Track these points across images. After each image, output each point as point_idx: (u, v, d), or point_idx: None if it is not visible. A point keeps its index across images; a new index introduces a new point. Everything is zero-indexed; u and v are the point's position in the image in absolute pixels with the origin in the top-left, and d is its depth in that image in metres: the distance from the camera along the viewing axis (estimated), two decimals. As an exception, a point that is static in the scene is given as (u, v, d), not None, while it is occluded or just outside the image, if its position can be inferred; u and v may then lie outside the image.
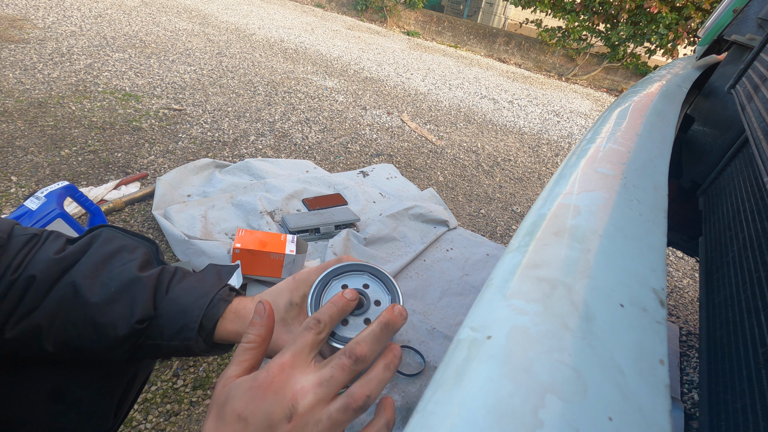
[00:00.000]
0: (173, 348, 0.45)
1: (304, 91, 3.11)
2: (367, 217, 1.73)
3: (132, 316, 0.43)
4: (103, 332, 0.43)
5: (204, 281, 0.48)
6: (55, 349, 0.43)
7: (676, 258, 2.09)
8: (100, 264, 0.45)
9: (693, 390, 1.36)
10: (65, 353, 0.44)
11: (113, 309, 0.43)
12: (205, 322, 0.44)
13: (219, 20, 4.63)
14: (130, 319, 0.43)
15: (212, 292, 0.46)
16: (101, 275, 0.44)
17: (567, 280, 0.28)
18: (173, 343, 0.44)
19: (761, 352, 0.48)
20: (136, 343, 0.44)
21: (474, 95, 4.09)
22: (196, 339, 0.44)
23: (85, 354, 0.44)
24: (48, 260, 0.43)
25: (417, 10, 7.03)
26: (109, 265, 0.46)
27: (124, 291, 0.44)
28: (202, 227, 1.44)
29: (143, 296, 0.44)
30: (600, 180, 0.42)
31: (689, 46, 5.26)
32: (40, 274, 0.42)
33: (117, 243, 0.48)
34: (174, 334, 0.44)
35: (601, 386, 0.21)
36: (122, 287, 0.44)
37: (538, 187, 2.51)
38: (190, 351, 0.44)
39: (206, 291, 0.46)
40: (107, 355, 0.44)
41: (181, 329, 0.44)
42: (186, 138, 2.07)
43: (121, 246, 0.48)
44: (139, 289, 0.44)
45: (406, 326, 1.28)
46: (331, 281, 0.41)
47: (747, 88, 0.77)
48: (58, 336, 0.42)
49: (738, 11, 1.12)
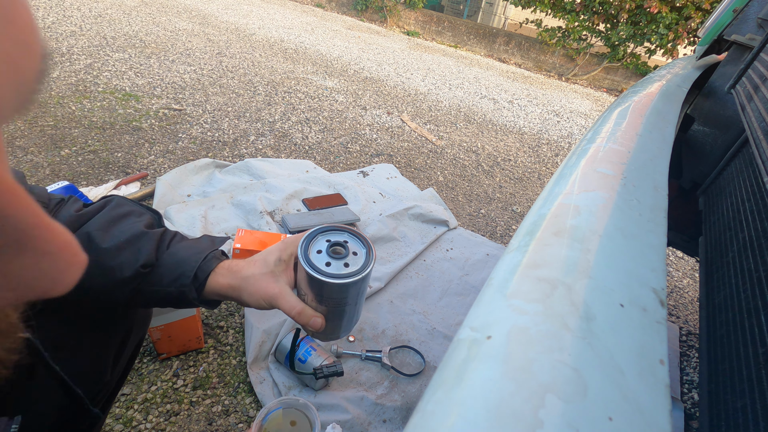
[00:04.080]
0: (169, 294, 0.51)
1: (304, 91, 3.11)
2: (367, 217, 1.73)
3: (137, 261, 0.49)
4: (111, 273, 0.49)
5: (200, 243, 0.56)
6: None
7: (676, 258, 2.09)
8: (111, 221, 0.52)
9: (693, 390, 1.36)
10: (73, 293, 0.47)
11: (121, 255, 0.49)
12: (199, 272, 0.51)
13: (219, 20, 4.63)
14: (136, 264, 0.49)
15: (206, 251, 0.53)
16: (112, 229, 0.51)
17: (567, 280, 0.28)
18: (170, 289, 0.51)
19: (761, 352, 0.48)
20: (137, 287, 0.50)
21: (474, 95, 4.09)
22: (190, 286, 0.50)
23: (92, 294, 0.49)
24: (70, 215, 0.51)
25: (417, 10, 7.02)
26: (120, 222, 0.53)
27: (133, 241, 0.51)
28: (202, 227, 1.44)
29: (148, 247, 0.51)
30: (600, 180, 0.42)
31: (689, 46, 5.26)
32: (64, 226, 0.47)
33: (127, 207, 0.56)
34: (171, 281, 0.51)
35: (601, 386, 0.21)
36: (131, 238, 0.51)
37: (538, 187, 2.51)
38: (183, 297, 0.51)
39: (201, 249, 0.53)
40: (112, 295, 0.50)
41: (178, 276, 0.51)
42: (186, 138, 2.07)
43: (130, 210, 0.56)
44: (145, 241, 0.51)
45: (406, 326, 1.28)
46: (317, 236, 0.49)
47: (747, 88, 0.77)
48: None
49: (738, 11, 1.12)
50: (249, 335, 1.12)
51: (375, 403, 1.03)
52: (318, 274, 0.45)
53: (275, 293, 0.49)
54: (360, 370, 1.12)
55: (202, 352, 1.09)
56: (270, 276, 0.50)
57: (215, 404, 0.99)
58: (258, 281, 0.50)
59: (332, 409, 1.00)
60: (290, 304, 0.49)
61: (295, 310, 0.49)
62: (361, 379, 1.10)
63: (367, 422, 1.00)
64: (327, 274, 0.45)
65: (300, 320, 0.49)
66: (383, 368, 1.14)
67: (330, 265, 0.46)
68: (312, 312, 0.49)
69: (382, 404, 1.03)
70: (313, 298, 0.48)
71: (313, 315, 0.49)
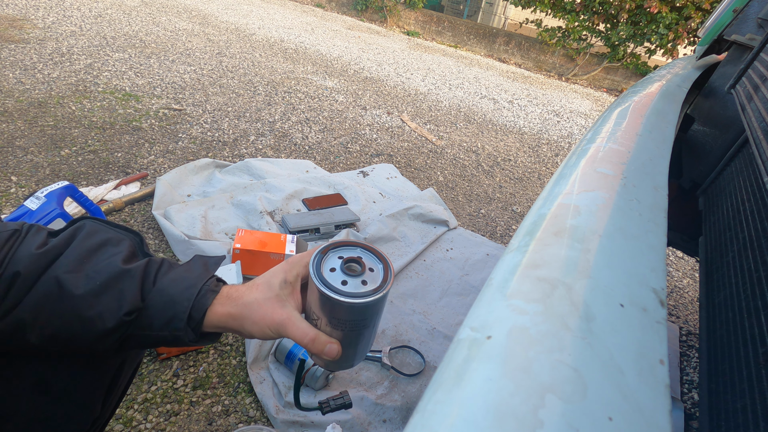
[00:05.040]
0: (162, 338, 0.45)
1: (304, 91, 3.11)
2: (367, 217, 1.73)
3: (120, 309, 0.43)
4: (91, 325, 0.42)
5: (191, 272, 0.48)
6: (40, 342, 0.43)
7: (676, 258, 2.09)
8: (84, 257, 0.45)
9: (693, 390, 1.36)
10: (52, 346, 0.44)
11: (100, 302, 0.43)
12: (194, 312, 0.45)
13: (219, 20, 4.63)
14: (118, 312, 0.43)
15: (200, 283, 0.46)
16: (86, 268, 0.44)
17: (567, 280, 0.28)
18: (162, 333, 0.45)
19: (761, 352, 0.48)
20: (124, 334, 0.44)
21: (474, 95, 4.09)
22: (185, 329, 0.44)
23: (73, 346, 0.44)
24: (31, 255, 0.42)
25: (417, 10, 7.02)
26: (94, 258, 0.45)
27: (111, 283, 0.44)
28: (202, 227, 1.44)
29: (131, 288, 0.44)
30: (600, 180, 0.42)
31: (689, 46, 5.26)
32: (24, 270, 0.41)
33: (101, 236, 0.48)
34: (163, 324, 0.45)
35: (601, 386, 0.21)
36: (109, 280, 0.44)
37: (538, 187, 2.51)
38: (179, 340, 0.45)
39: (194, 282, 0.46)
40: (95, 347, 0.44)
41: (170, 320, 0.44)
42: (186, 138, 2.07)
43: (105, 239, 0.47)
44: (127, 282, 0.44)
45: (406, 326, 1.28)
46: (328, 253, 0.45)
47: (747, 88, 0.77)
48: (45, 329, 0.42)
49: (738, 11, 1.12)
50: (249, 335, 1.12)
51: (375, 403, 1.03)
52: (336, 294, 0.41)
53: (283, 319, 0.44)
54: (360, 370, 1.12)
55: (202, 352, 1.09)
56: (275, 300, 0.45)
57: (215, 404, 0.99)
58: (262, 307, 0.45)
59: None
60: (302, 330, 0.44)
61: (308, 337, 0.44)
62: (361, 379, 1.10)
63: (367, 422, 1.00)
64: (346, 293, 0.41)
65: (313, 349, 0.44)
66: (383, 368, 1.14)
67: (347, 284, 0.42)
68: (326, 338, 0.44)
69: (382, 404, 1.03)
70: (327, 322, 0.44)
71: (327, 341, 0.44)
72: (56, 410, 0.49)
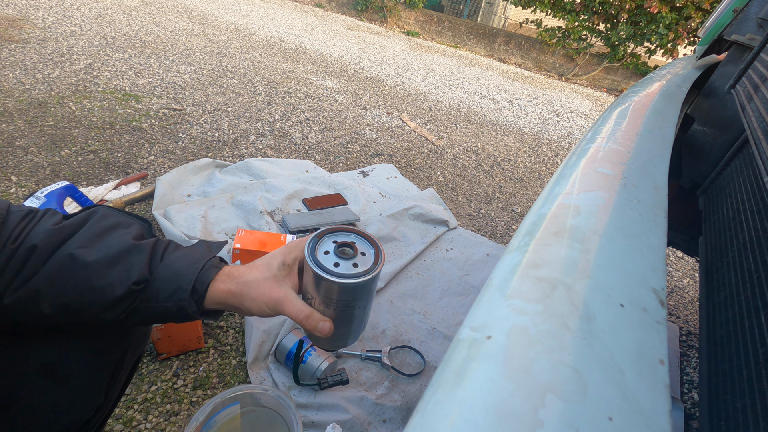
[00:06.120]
0: (167, 309, 0.48)
1: (304, 91, 3.10)
2: (367, 217, 1.73)
3: (129, 278, 0.45)
4: (101, 293, 0.45)
5: (196, 251, 0.52)
6: (53, 311, 0.44)
7: (676, 258, 2.09)
8: (97, 236, 0.48)
9: (693, 390, 1.36)
10: (63, 316, 0.45)
11: (111, 272, 0.45)
12: (198, 284, 0.48)
13: (219, 20, 4.63)
14: (127, 281, 0.45)
15: (204, 260, 0.50)
16: (98, 245, 0.47)
17: (567, 280, 0.28)
18: (167, 304, 0.47)
19: (761, 352, 0.48)
20: (131, 305, 0.47)
21: (474, 95, 4.09)
22: (189, 300, 0.47)
23: (83, 315, 0.46)
24: (47, 231, 0.45)
25: (417, 10, 7.02)
26: (106, 237, 0.48)
27: (122, 256, 0.47)
28: (202, 227, 1.44)
29: (139, 261, 0.47)
30: (600, 180, 0.42)
31: (689, 46, 5.26)
32: (40, 243, 0.44)
33: (113, 219, 0.51)
34: (168, 295, 0.47)
35: (601, 386, 0.21)
36: (120, 252, 0.47)
37: (538, 187, 2.51)
38: (183, 312, 0.48)
39: (198, 258, 0.50)
40: (104, 316, 0.46)
41: (175, 291, 0.47)
42: (186, 138, 2.07)
43: (117, 222, 0.51)
44: (136, 255, 0.47)
45: (406, 326, 1.28)
46: (324, 237, 0.48)
47: (747, 88, 0.77)
48: (57, 299, 0.44)
49: (738, 11, 1.12)
50: (249, 335, 1.12)
51: (375, 403, 1.03)
52: (327, 274, 0.44)
53: (280, 297, 0.47)
54: (360, 370, 1.12)
55: (202, 352, 1.09)
56: (273, 280, 0.48)
57: (215, 404, 0.99)
58: (261, 285, 0.48)
59: (332, 409, 1.00)
60: (297, 308, 0.47)
61: (302, 314, 0.47)
62: (361, 379, 1.10)
63: (367, 422, 1.00)
64: (337, 274, 0.44)
65: (307, 325, 0.47)
66: (383, 368, 1.14)
67: (339, 266, 0.45)
68: (320, 316, 0.47)
69: (382, 404, 1.03)
70: (320, 301, 0.47)
71: (321, 319, 0.47)
72: (61, 395, 0.50)
